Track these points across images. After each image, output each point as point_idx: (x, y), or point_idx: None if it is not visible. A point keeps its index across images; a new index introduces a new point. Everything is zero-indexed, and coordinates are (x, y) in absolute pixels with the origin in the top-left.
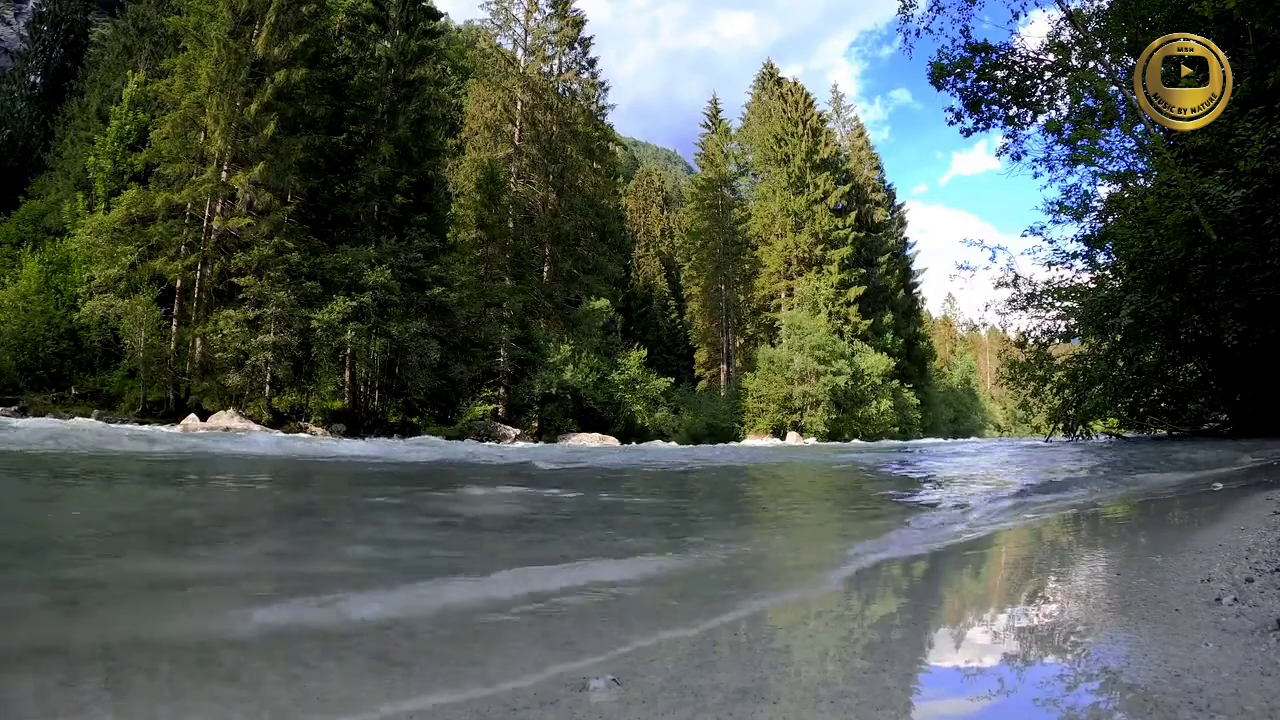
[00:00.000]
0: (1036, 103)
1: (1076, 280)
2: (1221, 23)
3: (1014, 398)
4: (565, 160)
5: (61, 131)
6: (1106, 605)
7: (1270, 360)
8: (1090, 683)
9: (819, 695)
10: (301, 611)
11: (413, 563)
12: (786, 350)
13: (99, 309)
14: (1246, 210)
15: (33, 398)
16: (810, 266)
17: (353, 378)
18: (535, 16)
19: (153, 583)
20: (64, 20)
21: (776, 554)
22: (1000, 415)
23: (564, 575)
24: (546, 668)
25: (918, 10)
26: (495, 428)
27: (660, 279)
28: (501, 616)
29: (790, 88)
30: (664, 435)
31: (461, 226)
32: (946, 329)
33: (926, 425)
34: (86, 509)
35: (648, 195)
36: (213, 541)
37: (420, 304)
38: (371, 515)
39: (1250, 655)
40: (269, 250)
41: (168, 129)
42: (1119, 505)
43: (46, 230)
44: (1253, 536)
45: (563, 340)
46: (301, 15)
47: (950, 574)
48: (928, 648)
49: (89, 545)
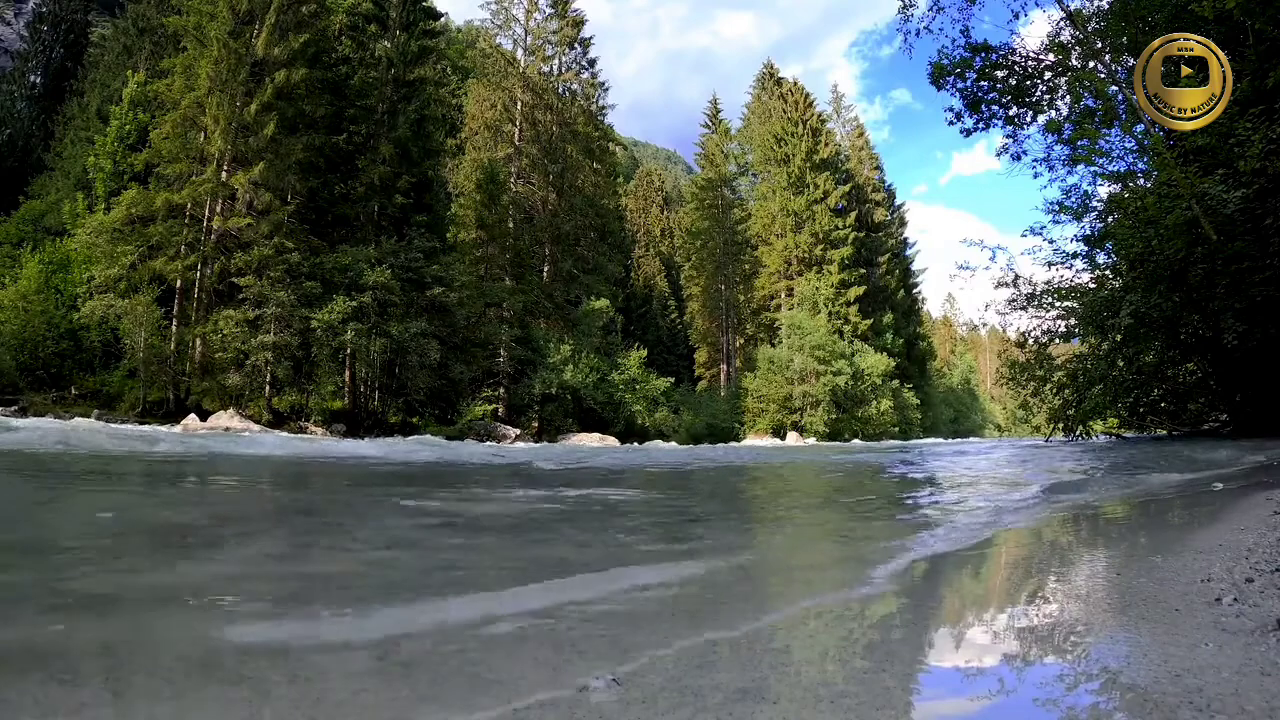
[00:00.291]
0: (1036, 103)
1: (1076, 280)
2: (1221, 23)
3: (1014, 398)
4: (565, 160)
5: (61, 131)
6: (1106, 605)
7: (1270, 360)
8: (1090, 683)
9: (819, 695)
10: (299, 621)
11: (415, 566)
12: (786, 350)
13: (99, 309)
14: (1246, 210)
15: (33, 398)
16: (810, 266)
17: (353, 378)
18: (535, 16)
19: (154, 585)
20: (64, 20)
21: (789, 556)
22: (1000, 415)
23: (574, 582)
24: (556, 672)
25: (918, 10)
26: (495, 428)
27: (660, 279)
28: (503, 627)
29: (790, 88)
30: (664, 435)
31: (461, 226)
32: (946, 329)
33: (926, 425)
34: (85, 510)
35: (648, 195)
36: (213, 543)
37: (420, 304)
38: (373, 515)
39: (1250, 655)
40: (269, 250)
41: (168, 129)
42: (1119, 505)
43: (46, 230)
44: (1253, 536)
45: (563, 340)
46: (301, 15)
47: (951, 574)
48: (928, 647)
49: (87, 547)
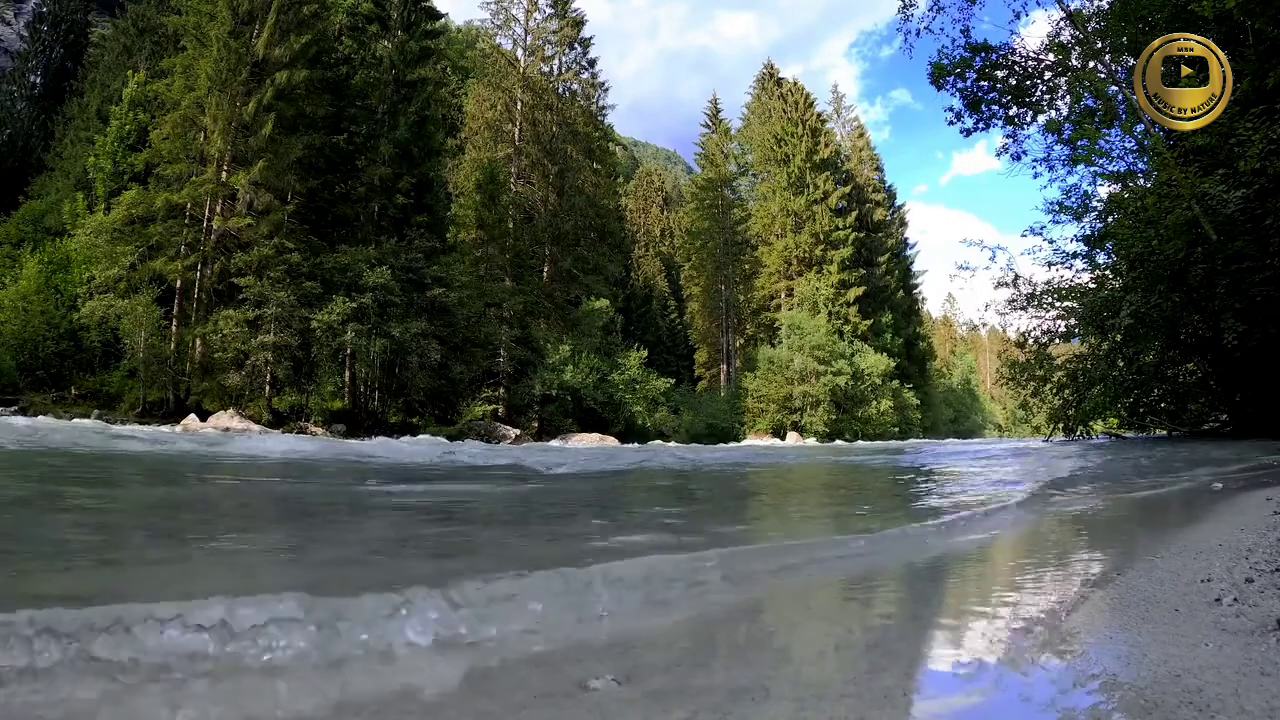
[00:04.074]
0: (1036, 103)
1: (1076, 280)
2: (1221, 23)
3: (1014, 398)
4: (565, 160)
5: (61, 131)
6: (1106, 605)
7: (1270, 360)
8: (1090, 683)
9: (820, 694)
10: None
11: (417, 556)
12: (786, 350)
13: (99, 309)
14: (1246, 210)
15: (33, 398)
16: (810, 266)
17: (353, 378)
18: (535, 16)
19: (153, 586)
20: (64, 20)
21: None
22: (1000, 415)
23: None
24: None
25: (918, 10)
26: (495, 428)
27: (660, 279)
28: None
29: (790, 88)
30: (664, 435)
31: (461, 226)
32: (946, 329)
33: (926, 425)
34: (85, 510)
35: (648, 195)
36: (212, 541)
37: (420, 304)
38: (375, 515)
39: (1250, 655)
40: (269, 250)
41: (168, 129)
42: (1118, 505)
43: (46, 230)
44: (1253, 536)
45: (562, 340)
46: (302, 15)
47: (950, 573)
48: (927, 647)
49: (84, 548)
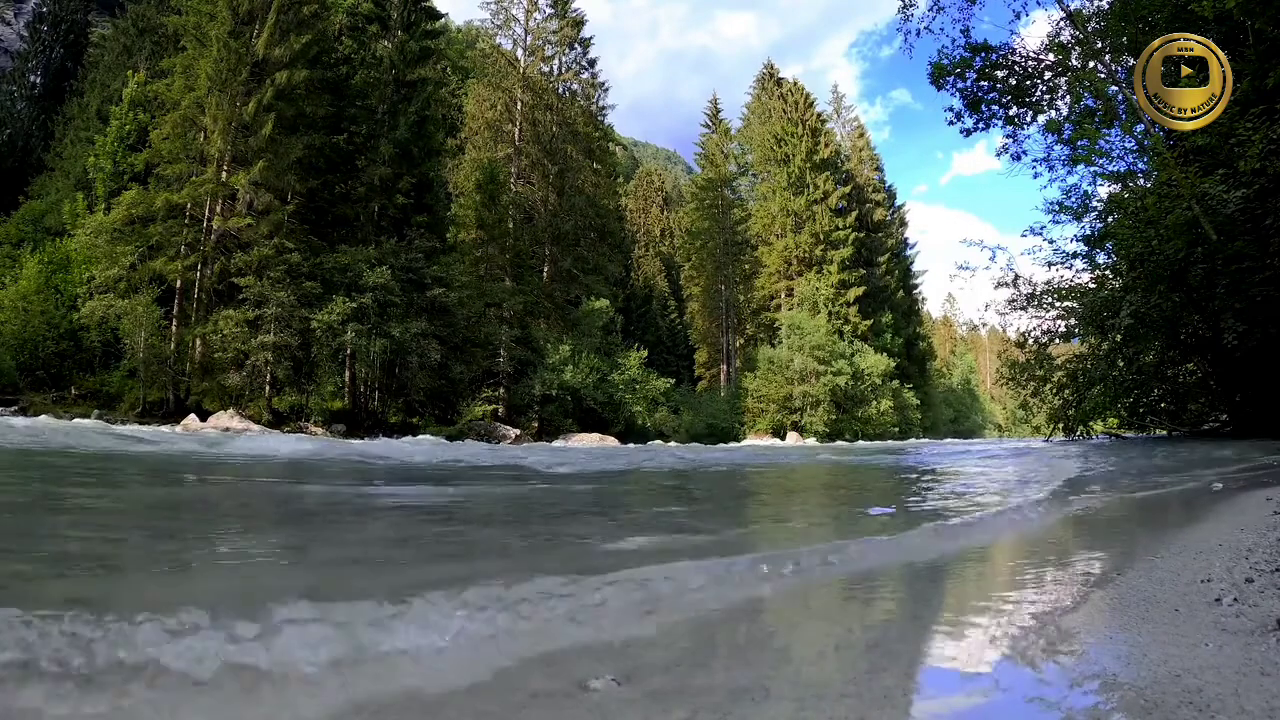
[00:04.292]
0: (1036, 103)
1: (1076, 280)
2: (1221, 23)
3: (1014, 398)
4: (565, 160)
5: (61, 131)
6: (1106, 605)
7: (1270, 360)
8: (1090, 683)
9: (820, 694)
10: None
11: (418, 558)
12: (786, 350)
13: (99, 309)
14: (1246, 210)
15: (32, 398)
16: (810, 266)
17: (353, 378)
18: (535, 16)
19: (153, 585)
20: (64, 20)
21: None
22: (1000, 415)
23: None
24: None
25: (918, 10)
26: (495, 428)
27: (660, 279)
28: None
29: (790, 88)
30: (664, 435)
31: (461, 226)
32: (946, 329)
33: (926, 425)
34: (85, 510)
35: (648, 195)
36: (213, 542)
37: (420, 304)
38: (376, 515)
39: (1250, 655)
40: (269, 250)
41: (168, 129)
42: (1118, 505)
43: (46, 230)
44: (1253, 536)
45: (562, 340)
46: (302, 15)
47: (950, 573)
48: (927, 647)
49: (84, 549)
